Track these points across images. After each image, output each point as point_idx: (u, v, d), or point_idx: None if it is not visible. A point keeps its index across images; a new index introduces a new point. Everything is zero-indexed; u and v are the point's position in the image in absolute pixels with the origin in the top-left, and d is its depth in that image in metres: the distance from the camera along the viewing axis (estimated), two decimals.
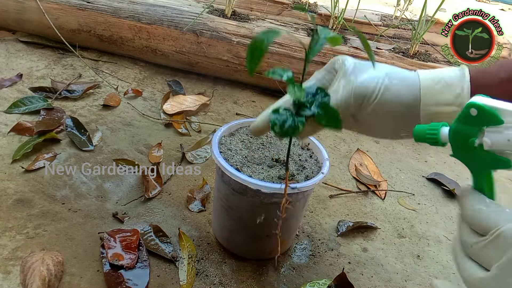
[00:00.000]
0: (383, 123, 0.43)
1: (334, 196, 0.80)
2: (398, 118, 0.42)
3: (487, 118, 0.29)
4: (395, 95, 0.41)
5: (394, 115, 0.42)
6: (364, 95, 0.41)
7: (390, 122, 0.43)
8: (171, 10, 1.13)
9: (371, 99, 0.41)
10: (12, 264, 0.55)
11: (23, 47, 1.14)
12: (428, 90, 0.40)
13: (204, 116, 1.00)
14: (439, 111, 0.40)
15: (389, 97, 0.41)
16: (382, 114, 0.42)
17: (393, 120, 0.42)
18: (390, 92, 0.41)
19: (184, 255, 0.60)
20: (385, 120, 0.43)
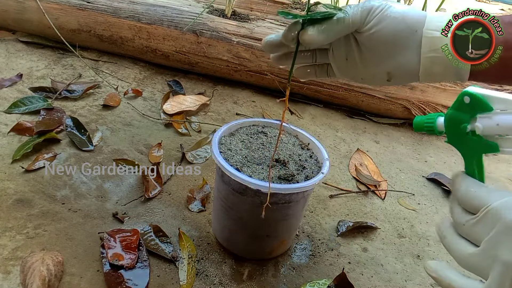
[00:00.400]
0: (381, 46, 0.43)
1: (334, 196, 0.80)
2: (398, 40, 0.42)
3: (478, 105, 0.32)
4: (400, 12, 0.42)
5: (395, 35, 0.42)
6: (370, 8, 0.43)
7: (389, 45, 0.43)
8: (171, 10, 1.13)
9: (376, 11, 0.42)
10: (12, 264, 0.55)
11: (23, 47, 1.14)
12: (434, 18, 0.42)
13: (204, 116, 1.00)
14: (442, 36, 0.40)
15: (393, 13, 0.42)
16: (383, 32, 0.43)
17: (392, 43, 0.43)
18: (396, 9, 0.43)
19: (184, 255, 0.60)
20: (385, 41, 0.43)
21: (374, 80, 0.48)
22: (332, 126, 1.06)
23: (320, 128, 1.04)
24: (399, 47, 0.43)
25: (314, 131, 1.02)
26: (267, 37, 0.48)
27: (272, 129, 0.65)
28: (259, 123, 0.65)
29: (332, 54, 0.49)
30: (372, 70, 0.46)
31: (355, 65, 0.47)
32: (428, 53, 0.42)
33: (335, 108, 1.14)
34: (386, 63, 0.45)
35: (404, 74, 0.44)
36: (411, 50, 0.43)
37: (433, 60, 0.42)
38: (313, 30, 0.42)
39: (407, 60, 0.43)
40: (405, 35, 0.42)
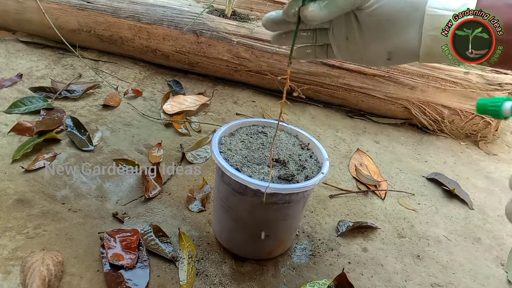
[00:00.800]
0: (382, 23, 0.43)
1: (334, 196, 0.80)
2: (400, 17, 0.42)
3: None
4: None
5: (396, 12, 0.42)
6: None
7: (390, 23, 0.42)
8: (171, 10, 1.13)
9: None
10: (12, 264, 0.55)
11: (23, 47, 1.14)
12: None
13: (204, 116, 1.00)
14: (444, 14, 0.40)
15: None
16: (384, 8, 0.42)
17: (393, 20, 0.42)
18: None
19: (184, 255, 0.60)
20: (386, 19, 0.42)
21: (374, 60, 0.47)
22: (332, 126, 1.06)
23: (320, 128, 1.04)
24: (400, 25, 0.42)
25: (314, 131, 1.02)
26: (268, 14, 0.48)
27: (272, 129, 0.65)
28: (259, 123, 0.65)
29: (332, 34, 0.49)
30: (372, 49, 0.45)
31: (355, 44, 0.46)
32: (429, 31, 0.41)
33: (335, 108, 1.14)
34: (386, 41, 0.44)
35: (405, 53, 0.44)
36: (413, 28, 0.42)
37: (434, 39, 0.41)
38: (315, 5, 0.41)
39: (408, 39, 0.42)
40: (407, 13, 0.42)
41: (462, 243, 0.74)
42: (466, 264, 0.70)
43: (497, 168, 1.02)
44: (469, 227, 0.79)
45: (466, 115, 1.08)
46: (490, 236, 0.77)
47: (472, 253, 0.72)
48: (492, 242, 0.76)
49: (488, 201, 0.87)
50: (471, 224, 0.80)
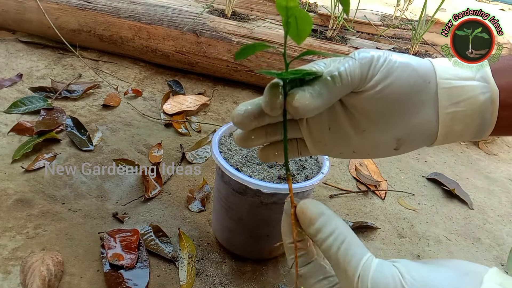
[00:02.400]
0: (391, 105, 0.34)
1: (334, 196, 0.80)
2: (413, 95, 0.34)
3: None
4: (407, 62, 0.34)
5: (410, 89, 0.33)
6: (370, 60, 0.33)
7: (401, 104, 0.34)
8: (171, 10, 1.13)
9: (379, 62, 0.33)
10: (12, 264, 0.55)
11: (23, 47, 1.14)
12: (443, 66, 0.35)
13: (204, 116, 1.00)
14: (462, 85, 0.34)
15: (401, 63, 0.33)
16: (394, 86, 0.33)
17: (406, 99, 0.34)
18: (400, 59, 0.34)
19: (184, 255, 0.60)
20: (397, 99, 0.33)
21: (375, 151, 0.37)
22: None
23: None
24: (413, 104, 0.34)
25: None
26: (241, 107, 0.34)
27: None
28: None
29: (306, 126, 0.37)
30: (374, 140, 0.36)
31: (344, 136, 0.36)
32: (448, 108, 0.34)
33: None
34: (395, 127, 0.35)
35: (419, 137, 0.35)
36: (427, 106, 0.34)
37: (454, 116, 0.34)
38: (304, 95, 0.31)
39: (423, 120, 0.34)
40: (419, 89, 0.34)
41: (462, 243, 0.74)
42: None
43: (497, 168, 1.02)
44: (469, 227, 0.79)
45: None
46: (490, 236, 0.77)
47: (472, 253, 0.72)
48: (492, 242, 0.76)
49: (488, 201, 0.87)
50: (471, 224, 0.80)
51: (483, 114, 0.34)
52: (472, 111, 0.34)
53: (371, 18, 1.35)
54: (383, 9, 1.76)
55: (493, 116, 0.34)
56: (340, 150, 0.38)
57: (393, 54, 0.34)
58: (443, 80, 0.34)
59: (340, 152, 0.38)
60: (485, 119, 0.34)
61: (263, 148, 0.38)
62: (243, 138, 0.37)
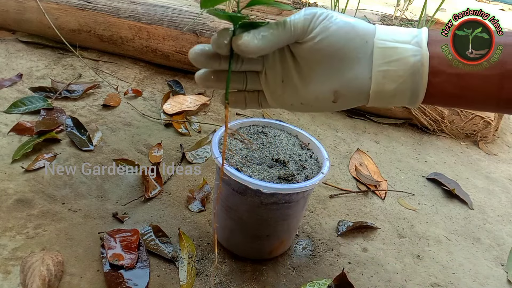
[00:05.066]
0: (327, 57, 0.38)
1: (334, 196, 0.80)
2: (348, 50, 0.37)
3: None
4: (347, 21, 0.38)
5: (344, 44, 0.37)
6: (313, 14, 0.38)
7: (336, 57, 0.37)
8: (171, 10, 1.13)
9: (320, 18, 0.37)
10: (12, 264, 0.55)
11: (23, 47, 1.14)
12: (384, 29, 0.38)
13: (204, 116, 1.00)
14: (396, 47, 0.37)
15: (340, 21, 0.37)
16: (330, 40, 0.37)
17: (341, 53, 0.37)
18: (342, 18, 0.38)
19: (184, 255, 0.60)
20: (332, 52, 0.37)
21: (317, 103, 0.41)
22: (332, 126, 1.06)
23: (320, 128, 1.04)
24: (348, 59, 0.38)
25: (314, 131, 1.02)
26: (199, 46, 0.40)
27: (272, 129, 0.65)
28: (259, 123, 0.65)
29: (264, 78, 0.42)
30: (315, 90, 0.40)
31: (293, 87, 0.41)
32: (381, 66, 0.37)
33: None
34: (332, 79, 0.39)
35: (353, 92, 0.39)
36: (362, 62, 0.38)
37: (386, 75, 0.37)
38: (249, 35, 0.36)
39: (357, 75, 0.38)
40: (355, 45, 0.37)
41: (462, 243, 0.74)
42: (466, 264, 0.70)
43: (497, 168, 1.02)
44: (469, 227, 0.79)
45: (466, 115, 1.08)
46: (490, 236, 0.77)
47: (472, 253, 0.72)
48: (492, 242, 0.76)
49: (488, 201, 0.88)
50: (471, 224, 0.80)
51: (414, 76, 0.37)
52: (403, 72, 0.37)
53: (371, 18, 1.35)
54: (383, 9, 1.76)
55: (424, 80, 0.37)
56: (291, 101, 0.42)
57: (337, 14, 0.38)
58: (380, 41, 0.37)
59: (291, 103, 0.42)
60: (416, 82, 0.37)
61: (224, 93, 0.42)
62: (203, 77, 0.41)
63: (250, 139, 0.47)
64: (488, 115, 1.08)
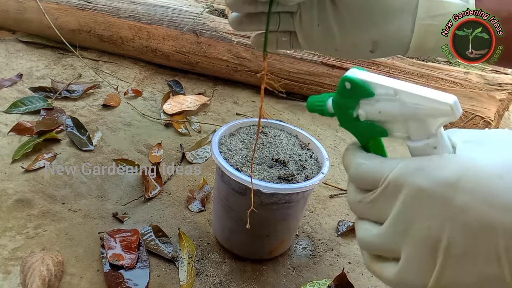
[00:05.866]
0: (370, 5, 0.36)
1: (334, 196, 0.80)
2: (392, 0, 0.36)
3: (359, 91, 0.29)
4: None
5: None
6: None
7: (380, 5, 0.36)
8: (171, 10, 1.13)
9: None
10: (12, 264, 0.55)
11: (23, 47, 1.14)
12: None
13: (204, 116, 1.00)
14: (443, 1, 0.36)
15: None
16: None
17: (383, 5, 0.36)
18: None
19: (184, 255, 0.60)
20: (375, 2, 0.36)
21: (354, 51, 0.40)
22: (332, 126, 1.06)
23: (320, 128, 1.04)
24: (392, 8, 0.36)
25: (314, 131, 1.02)
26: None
27: (272, 129, 0.65)
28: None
29: (299, 19, 0.41)
30: (353, 38, 0.39)
31: (329, 32, 0.39)
32: (424, 19, 0.36)
33: None
34: (372, 29, 0.37)
35: (393, 43, 0.38)
36: (406, 14, 0.36)
37: (428, 29, 0.36)
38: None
39: (398, 26, 0.37)
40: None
41: None
42: None
43: None
44: None
45: (466, 115, 1.08)
46: None
47: None
48: None
49: None
50: None
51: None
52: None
53: None
54: None
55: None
56: (325, 46, 0.40)
57: None
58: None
59: (325, 48, 0.41)
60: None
61: (257, 35, 0.44)
62: (236, 20, 0.41)
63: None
64: (488, 115, 1.08)
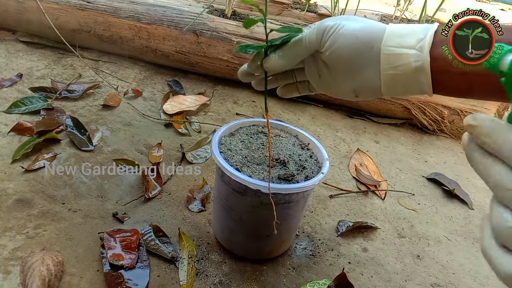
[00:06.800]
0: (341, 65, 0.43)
1: (334, 196, 0.80)
2: (355, 58, 0.42)
3: None
4: (353, 30, 0.42)
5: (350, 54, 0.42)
6: (324, 29, 0.43)
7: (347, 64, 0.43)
8: (171, 10, 1.13)
9: (330, 32, 0.43)
10: (12, 264, 0.55)
11: (23, 47, 1.14)
12: (392, 32, 0.41)
13: (204, 116, 1.00)
14: (400, 53, 0.40)
15: (346, 31, 0.42)
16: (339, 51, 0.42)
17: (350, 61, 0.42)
18: (349, 27, 0.42)
19: (184, 255, 0.60)
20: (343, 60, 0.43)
21: (344, 96, 0.48)
22: (332, 126, 1.06)
23: (320, 128, 1.04)
24: (358, 65, 0.43)
25: (314, 131, 1.02)
26: (241, 68, 0.50)
27: (272, 129, 0.65)
28: (259, 123, 0.65)
29: (307, 73, 0.50)
30: (340, 87, 0.47)
31: (327, 81, 0.47)
32: (387, 70, 0.41)
33: (335, 108, 1.14)
34: (349, 81, 0.45)
35: (368, 91, 0.44)
36: (370, 67, 0.42)
37: (393, 78, 0.41)
38: (274, 56, 0.45)
39: (368, 78, 0.43)
40: (361, 53, 0.42)
41: (462, 243, 0.74)
42: (466, 264, 0.70)
43: None
44: (469, 227, 0.79)
45: (466, 115, 1.08)
46: None
47: (472, 253, 0.72)
48: None
49: (488, 201, 0.87)
50: (471, 224, 0.80)
51: (419, 78, 0.40)
52: (407, 75, 0.40)
53: (371, 18, 1.35)
54: (383, 9, 1.76)
55: (427, 80, 0.40)
56: (329, 91, 0.49)
57: (347, 22, 0.43)
58: (386, 47, 0.41)
59: (330, 92, 0.49)
60: (422, 82, 0.40)
61: (279, 88, 0.56)
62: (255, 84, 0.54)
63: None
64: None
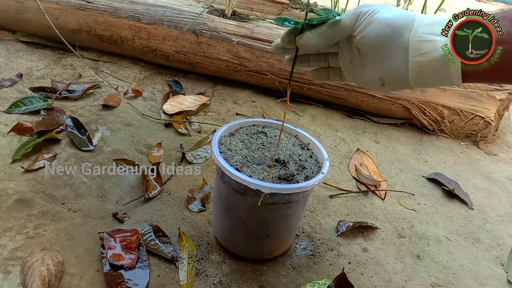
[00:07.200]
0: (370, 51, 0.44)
1: (334, 196, 0.80)
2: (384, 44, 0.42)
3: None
4: (385, 17, 0.42)
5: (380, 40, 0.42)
6: (359, 14, 0.44)
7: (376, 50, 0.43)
8: (171, 10, 1.13)
9: (364, 17, 0.43)
10: (12, 264, 0.55)
11: (23, 47, 1.14)
12: (422, 21, 0.41)
13: (204, 116, 1.00)
14: (429, 39, 0.40)
15: (379, 18, 0.42)
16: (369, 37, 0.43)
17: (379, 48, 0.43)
18: (382, 14, 0.43)
19: (184, 255, 0.60)
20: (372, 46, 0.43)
21: (371, 85, 0.48)
22: (332, 126, 1.06)
23: (320, 128, 1.04)
24: (386, 52, 0.43)
25: (314, 131, 1.02)
26: (276, 40, 0.50)
27: (272, 129, 0.65)
28: (259, 123, 0.65)
29: (340, 58, 0.50)
30: (368, 73, 0.47)
31: (358, 68, 0.48)
32: (416, 57, 0.41)
33: (335, 108, 1.14)
34: (377, 68, 0.45)
35: (395, 79, 0.44)
36: (398, 55, 0.42)
37: (422, 65, 0.41)
38: (309, 34, 0.45)
39: (395, 66, 0.43)
40: (391, 40, 0.42)
41: (462, 243, 0.74)
42: (466, 264, 0.70)
43: (497, 168, 1.02)
44: (469, 227, 0.79)
45: (466, 115, 1.08)
46: (490, 236, 0.77)
47: (472, 253, 0.72)
48: (492, 242, 0.76)
49: (488, 201, 0.87)
50: (471, 224, 0.80)
51: (446, 64, 0.40)
52: (435, 63, 0.40)
53: None
54: None
55: (455, 67, 0.39)
56: (360, 80, 0.49)
57: (380, 10, 0.43)
58: (416, 33, 0.41)
59: (361, 81, 0.49)
60: (449, 68, 0.40)
61: (311, 71, 0.55)
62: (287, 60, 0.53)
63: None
64: (488, 115, 1.08)
